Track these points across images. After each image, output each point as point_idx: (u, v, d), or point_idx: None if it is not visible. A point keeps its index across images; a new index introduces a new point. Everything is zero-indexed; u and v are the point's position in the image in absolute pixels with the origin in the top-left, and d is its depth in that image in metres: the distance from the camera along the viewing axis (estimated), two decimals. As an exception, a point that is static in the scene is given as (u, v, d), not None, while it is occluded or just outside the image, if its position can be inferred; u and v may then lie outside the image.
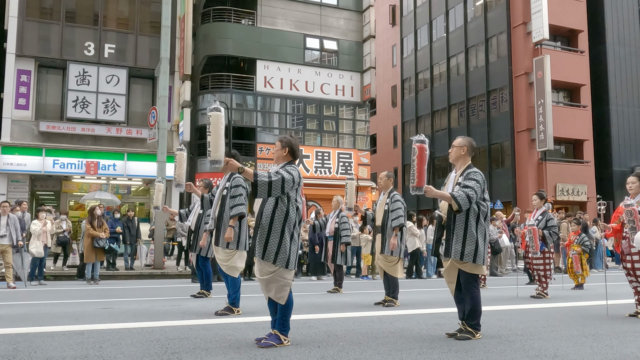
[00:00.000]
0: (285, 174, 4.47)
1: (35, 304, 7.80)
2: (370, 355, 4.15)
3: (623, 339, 4.91)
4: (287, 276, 4.58)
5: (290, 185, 4.49)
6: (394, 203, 7.52)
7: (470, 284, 4.92)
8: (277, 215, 4.55)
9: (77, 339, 4.78)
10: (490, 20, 30.49)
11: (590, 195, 28.32)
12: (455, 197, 4.77)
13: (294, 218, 4.59)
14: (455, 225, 4.92)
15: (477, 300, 4.89)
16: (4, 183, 19.07)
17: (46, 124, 19.62)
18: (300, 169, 23.20)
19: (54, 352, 4.24)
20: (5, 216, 10.70)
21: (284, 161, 4.76)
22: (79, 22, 20.85)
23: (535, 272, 8.88)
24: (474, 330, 4.87)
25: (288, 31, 24.51)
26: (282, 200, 4.55)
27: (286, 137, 4.86)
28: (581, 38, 29.68)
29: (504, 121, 29.21)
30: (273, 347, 4.42)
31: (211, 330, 5.28)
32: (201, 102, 23.78)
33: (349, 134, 25.63)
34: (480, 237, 4.90)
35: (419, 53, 36.31)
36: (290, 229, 4.57)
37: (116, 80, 20.49)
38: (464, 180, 4.94)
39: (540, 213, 8.80)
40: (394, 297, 7.56)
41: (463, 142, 5.18)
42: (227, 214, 6.44)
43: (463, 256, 4.85)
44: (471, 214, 4.90)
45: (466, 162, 5.14)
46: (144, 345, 4.53)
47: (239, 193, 6.43)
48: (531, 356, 4.16)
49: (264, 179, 4.34)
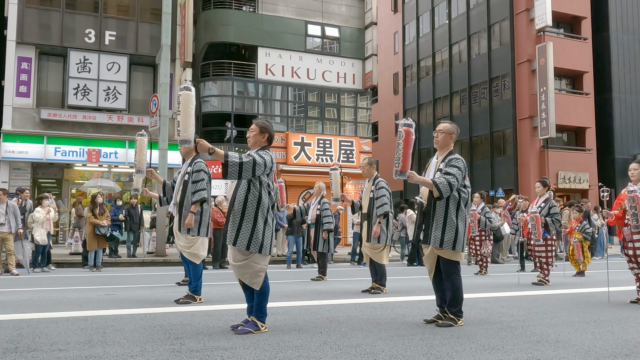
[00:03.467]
0: (257, 157, 4.40)
1: (38, 291, 7.83)
2: (373, 341, 4.16)
3: (624, 325, 4.93)
4: (261, 262, 4.53)
5: (262, 168, 4.42)
6: (379, 190, 7.46)
7: (450, 270, 4.89)
8: (250, 200, 4.48)
9: (80, 325, 4.80)
10: (492, 7, 30.28)
11: (592, 183, 28.28)
12: (436, 183, 4.73)
13: (267, 203, 4.52)
14: (436, 212, 4.88)
15: (458, 287, 4.88)
16: (6, 171, 19.08)
17: (47, 111, 19.58)
18: (301, 156, 23.17)
19: (58, 337, 4.26)
20: (4, 204, 10.72)
21: (259, 146, 4.68)
22: (80, 9, 20.75)
23: (537, 259, 8.90)
24: (456, 317, 4.85)
25: (289, 18, 24.37)
26: (254, 184, 4.49)
27: (264, 122, 4.77)
28: (584, 25, 29.47)
29: (506, 108, 29.10)
30: (250, 333, 4.38)
31: (214, 317, 5.31)
32: (203, 90, 23.71)
33: (350, 121, 25.56)
34: (461, 224, 4.87)
35: (421, 40, 36.10)
36: (264, 213, 4.51)
37: (117, 67, 20.42)
38: (446, 167, 4.88)
39: (542, 200, 8.80)
40: (381, 284, 7.52)
41: (452, 129, 5.09)
42: (188, 200, 6.31)
43: (443, 243, 4.82)
44: (451, 200, 4.86)
45: (449, 149, 5.08)
46: (147, 331, 4.55)
47: (201, 178, 6.30)
48: (533, 342, 4.17)
49: (235, 160, 4.26)
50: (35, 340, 4.14)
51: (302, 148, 23.48)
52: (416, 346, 4.00)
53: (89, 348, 3.89)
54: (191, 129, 4.56)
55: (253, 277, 4.51)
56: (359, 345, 4.03)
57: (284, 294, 7.26)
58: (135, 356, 3.67)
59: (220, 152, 4.28)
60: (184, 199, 6.36)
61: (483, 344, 4.07)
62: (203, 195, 6.26)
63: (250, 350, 3.85)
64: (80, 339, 4.21)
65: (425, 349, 3.90)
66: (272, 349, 3.89)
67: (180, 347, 3.92)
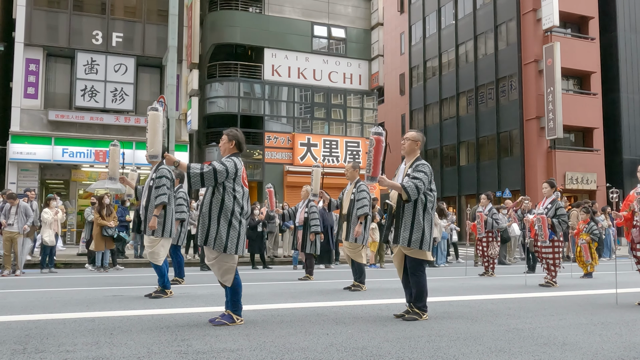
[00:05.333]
0: (218, 165, 4.79)
1: (46, 291, 7.87)
2: (379, 343, 4.16)
3: (632, 327, 4.90)
4: (229, 260, 4.89)
5: (224, 175, 4.79)
6: (360, 193, 7.85)
7: (416, 268, 5.22)
8: (214, 204, 4.87)
9: (88, 326, 4.82)
10: (499, 7, 30.19)
11: (600, 183, 28.14)
12: (405, 187, 5.05)
13: (230, 206, 4.86)
14: (404, 214, 5.19)
15: (422, 283, 5.22)
16: (14, 172, 19.21)
17: (55, 112, 19.70)
18: (307, 157, 23.16)
19: (66, 338, 4.28)
20: (15, 206, 10.80)
21: (229, 153, 5.06)
22: (87, 11, 20.86)
23: (545, 260, 8.86)
24: (420, 311, 5.19)
25: (295, 19, 24.40)
26: (218, 189, 4.85)
27: (232, 130, 5.17)
28: (592, 25, 29.34)
29: (513, 109, 29.01)
30: (225, 325, 4.72)
31: (220, 318, 5.31)
32: (209, 91, 23.77)
33: (356, 122, 25.56)
34: (427, 225, 5.20)
35: (428, 41, 36.05)
36: (227, 216, 4.85)
37: (124, 69, 20.51)
38: (413, 172, 5.19)
39: (549, 201, 8.75)
40: (360, 282, 7.94)
41: (417, 137, 5.41)
42: (152, 204, 6.80)
43: (410, 243, 5.14)
44: (419, 203, 5.17)
45: (416, 155, 5.39)
46: (154, 332, 4.57)
47: (162, 183, 6.81)
48: (540, 344, 4.15)
49: (196, 170, 4.70)
50: (43, 342, 4.16)
51: (309, 149, 23.50)
52: (423, 348, 3.99)
53: (96, 349, 3.91)
54: (158, 146, 5.29)
55: (223, 274, 4.89)
56: (365, 347, 4.03)
57: (290, 295, 7.27)
58: (142, 358, 3.68)
59: (184, 165, 4.79)
60: (149, 203, 6.84)
61: (490, 347, 4.06)
62: (163, 200, 6.77)
63: (256, 352, 3.86)
64: (88, 340, 4.23)
65: (432, 352, 3.89)
66: (278, 350, 3.90)
67: (187, 349, 3.93)
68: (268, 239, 14.67)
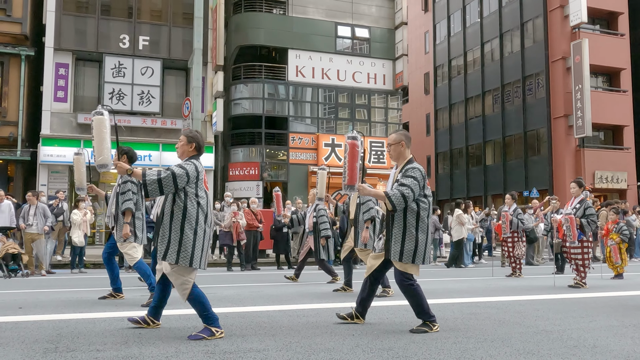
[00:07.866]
0: (177, 169, 4.40)
1: (76, 291, 8.03)
2: (405, 344, 4.14)
3: (665, 330, 4.78)
4: (185, 274, 4.41)
5: (185, 180, 4.40)
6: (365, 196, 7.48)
7: (402, 280, 4.70)
8: (176, 213, 4.42)
9: (117, 325, 4.91)
10: (525, 4, 29.77)
11: (631, 182, 27.54)
12: (389, 196, 4.55)
13: (193, 213, 4.43)
14: (394, 225, 4.67)
15: (415, 293, 4.70)
16: (45, 174, 19.61)
17: (84, 115, 20.04)
18: (332, 157, 23.14)
19: (96, 337, 4.37)
20: (34, 205, 11.05)
21: (187, 156, 4.66)
22: (114, 15, 21.19)
23: (574, 261, 8.71)
24: (430, 323, 4.68)
25: (319, 20, 24.43)
26: (179, 196, 4.42)
27: (192, 131, 4.79)
28: (621, 20, 28.74)
29: (540, 107, 28.57)
30: (204, 339, 4.28)
31: (246, 318, 5.36)
32: (234, 93, 23.95)
33: (381, 122, 25.48)
34: (421, 235, 4.66)
35: (452, 39, 35.74)
36: (192, 225, 4.40)
37: (151, 71, 20.78)
38: (402, 178, 4.68)
39: (578, 201, 8.61)
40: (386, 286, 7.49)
41: (398, 138, 4.89)
42: (121, 211, 6.63)
43: (402, 256, 4.63)
44: (409, 212, 4.64)
45: (406, 158, 4.86)
46: (181, 331, 4.62)
47: (127, 189, 6.59)
48: (569, 346, 4.09)
49: (153, 177, 4.31)
50: (74, 341, 4.25)
51: (333, 149, 23.50)
52: (449, 350, 3.97)
53: (125, 348, 3.98)
54: (106, 153, 4.74)
55: (180, 289, 4.42)
56: (391, 348, 4.02)
57: (315, 296, 7.28)
58: (170, 357, 3.73)
59: (138, 172, 4.40)
60: (118, 210, 6.68)
61: (518, 348, 4.01)
62: (128, 206, 6.55)
63: (282, 352, 3.88)
64: (117, 339, 4.30)
65: (459, 353, 3.86)
66: (304, 351, 3.91)
67: (214, 349, 3.97)
68: (293, 240, 14.72)
